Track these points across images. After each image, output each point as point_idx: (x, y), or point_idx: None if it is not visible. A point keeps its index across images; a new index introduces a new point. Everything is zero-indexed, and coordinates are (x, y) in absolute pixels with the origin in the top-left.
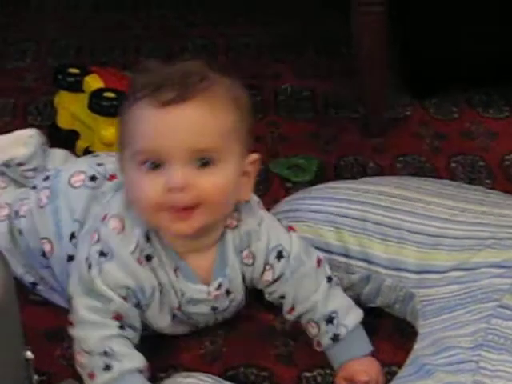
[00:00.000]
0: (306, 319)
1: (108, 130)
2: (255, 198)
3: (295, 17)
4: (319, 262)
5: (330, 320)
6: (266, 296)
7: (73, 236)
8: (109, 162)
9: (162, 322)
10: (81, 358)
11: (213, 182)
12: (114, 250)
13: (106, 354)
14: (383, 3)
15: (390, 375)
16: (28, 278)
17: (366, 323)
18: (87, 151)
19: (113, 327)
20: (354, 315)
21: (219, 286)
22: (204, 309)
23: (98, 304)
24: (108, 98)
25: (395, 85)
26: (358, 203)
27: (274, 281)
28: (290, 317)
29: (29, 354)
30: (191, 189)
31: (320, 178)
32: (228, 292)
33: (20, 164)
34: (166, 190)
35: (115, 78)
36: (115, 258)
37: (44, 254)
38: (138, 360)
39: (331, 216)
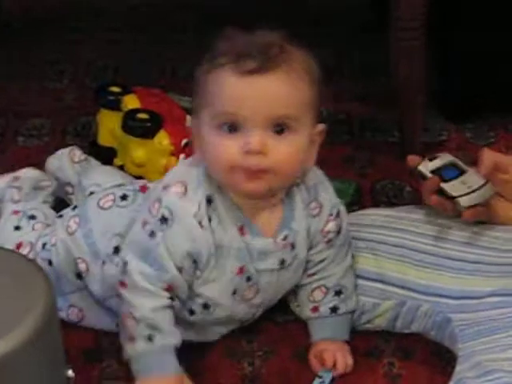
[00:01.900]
0: (319, 284)
1: (139, 151)
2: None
3: (332, 40)
4: (350, 244)
5: (338, 292)
6: (309, 258)
7: (117, 250)
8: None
9: (221, 291)
10: (127, 321)
11: (287, 150)
12: (176, 214)
13: (151, 326)
14: (421, 28)
15: None
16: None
17: (401, 346)
18: (122, 170)
19: (163, 298)
20: (355, 301)
21: (285, 237)
22: (272, 263)
23: (152, 272)
24: (140, 120)
25: (432, 109)
26: (395, 230)
27: (327, 241)
28: (305, 280)
29: (70, 372)
30: (267, 154)
31: (356, 201)
32: (293, 246)
33: (56, 178)
34: (243, 152)
35: (154, 100)
36: (177, 221)
37: (79, 275)
38: (177, 337)
39: (368, 242)
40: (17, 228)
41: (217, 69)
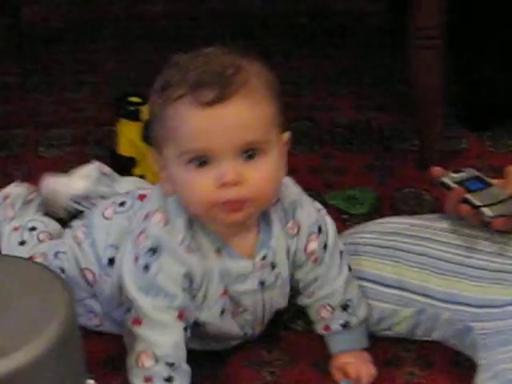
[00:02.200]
0: (323, 303)
1: None
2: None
3: (351, 50)
4: (341, 252)
5: (345, 307)
6: (299, 278)
7: (111, 261)
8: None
9: (209, 313)
10: (146, 361)
11: (262, 175)
12: (163, 244)
13: (172, 365)
14: (440, 37)
15: None
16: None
17: (422, 355)
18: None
19: (179, 329)
20: (365, 308)
21: (264, 257)
22: (251, 284)
23: (161, 301)
24: None
25: (451, 117)
26: (416, 238)
27: (314, 260)
28: (306, 301)
29: (91, 382)
30: (243, 183)
31: (376, 210)
32: (273, 265)
33: (86, 197)
34: (218, 185)
35: None
36: (165, 251)
37: (89, 283)
38: (190, 374)
39: (389, 250)
40: (22, 243)
41: (174, 101)
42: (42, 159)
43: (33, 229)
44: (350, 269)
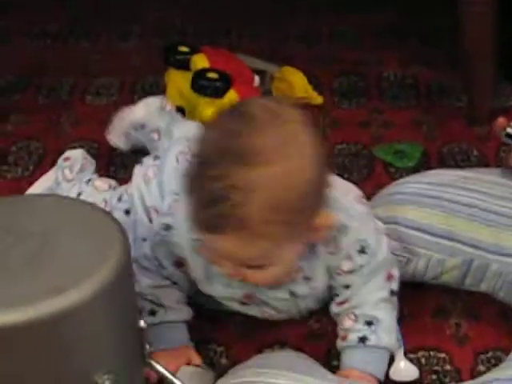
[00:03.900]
0: (349, 311)
1: (209, 110)
2: (353, 193)
3: (400, 5)
4: (390, 276)
5: (369, 322)
6: (331, 281)
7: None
8: None
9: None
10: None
11: (264, 276)
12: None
13: (153, 302)
14: None
15: (495, 360)
16: None
17: (469, 307)
18: None
19: (163, 281)
20: (392, 338)
21: (299, 269)
22: (281, 293)
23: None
24: (210, 79)
25: (501, 74)
26: (466, 190)
27: (348, 272)
28: (335, 309)
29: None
30: (240, 276)
31: (423, 164)
32: (307, 278)
33: (142, 126)
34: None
35: (223, 60)
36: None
37: (152, 221)
38: (182, 314)
39: (438, 200)
40: (79, 194)
41: None
42: (89, 107)
43: (88, 181)
44: (393, 293)
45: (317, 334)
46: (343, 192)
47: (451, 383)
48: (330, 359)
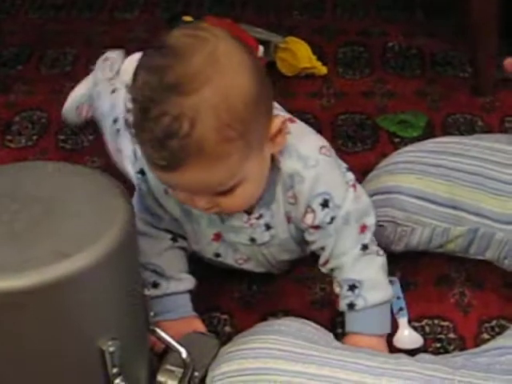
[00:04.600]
0: (333, 277)
1: None
2: (315, 143)
3: None
4: (363, 228)
5: (352, 287)
6: (309, 246)
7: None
8: None
9: (205, 253)
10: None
11: (234, 201)
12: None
13: (156, 272)
14: None
15: (499, 328)
16: None
17: (473, 276)
18: None
19: (165, 240)
20: (380, 293)
21: (260, 216)
22: (243, 238)
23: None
24: None
25: (506, 45)
26: (470, 158)
27: (314, 227)
28: (323, 269)
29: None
30: (216, 206)
31: (428, 134)
32: (268, 226)
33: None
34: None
35: (227, 30)
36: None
37: None
38: (185, 284)
39: (442, 169)
40: (113, 91)
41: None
42: None
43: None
44: (365, 247)
45: (321, 302)
46: (305, 142)
47: (455, 351)
48: (335, 327)
